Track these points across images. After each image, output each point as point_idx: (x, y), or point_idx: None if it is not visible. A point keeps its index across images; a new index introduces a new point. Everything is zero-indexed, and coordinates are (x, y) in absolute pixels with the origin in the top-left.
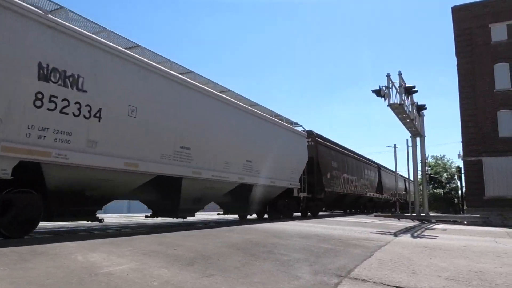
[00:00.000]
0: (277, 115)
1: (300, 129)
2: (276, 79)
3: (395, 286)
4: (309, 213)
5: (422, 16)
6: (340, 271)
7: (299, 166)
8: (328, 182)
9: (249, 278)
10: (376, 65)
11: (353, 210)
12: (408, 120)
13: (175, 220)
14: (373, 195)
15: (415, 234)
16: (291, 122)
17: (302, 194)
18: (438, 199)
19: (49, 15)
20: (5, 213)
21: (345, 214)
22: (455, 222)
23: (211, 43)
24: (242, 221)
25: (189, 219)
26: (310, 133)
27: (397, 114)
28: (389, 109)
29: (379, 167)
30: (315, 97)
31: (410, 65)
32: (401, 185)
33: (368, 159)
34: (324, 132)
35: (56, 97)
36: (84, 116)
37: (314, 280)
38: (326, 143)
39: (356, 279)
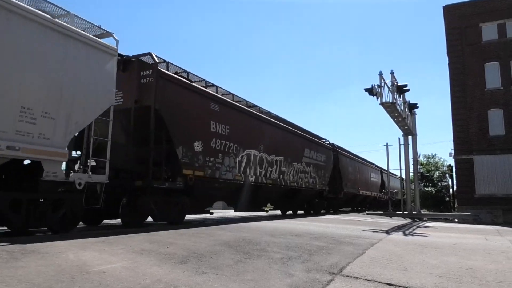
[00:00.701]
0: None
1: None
2: (269, 79)
3: (387, 283)
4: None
5: (413, 15)
6: (333, 268)
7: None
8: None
9: (242, 276)
10: (367, 64)
11: (359, 208)
12: (400, 119)
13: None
14: (377, 195)
15: (407, 232)
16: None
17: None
18: (430, 197)
19: None
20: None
21: (353, 211)
22: (446, 220)
23: (204, 43)
24: (239, 219)
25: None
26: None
27: (389, 113)
28: (381, 107)
29: (381, 170)
30: (307, 96)
31: (402, 64)
32: (397, 184)
33: (372, 164)
34: (317, 131)
35: None
36: None
37: (307, 278)
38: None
39: (348, 276)
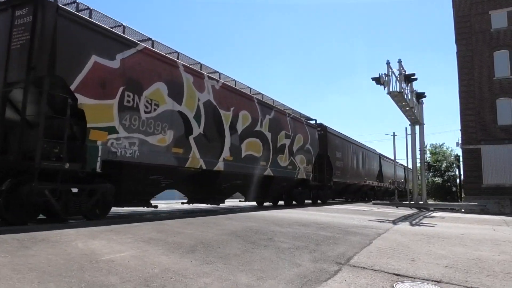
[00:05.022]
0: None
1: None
2: (275, 69)
3: (394, 274)
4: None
5: (421, 3)
6: (340, 258)
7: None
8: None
9: (249, 266)
10: (373, 53)
11: (354, 198)
12: (407, 108)
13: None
14: (374, 184)
15: (414, 222)
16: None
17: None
18: (437, 187)
19: None
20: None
21: (347, 202)
22: (452, 210)
23: (210, 34)
24: (247, 208)
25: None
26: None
27: (396, 102)
28: (388, 97)
29: (380, 156)
30: (313, 86)
31: (409, 52)
32: (400, 173)
33: (370, 149)
34: (323, 121)
35: None
36: None
37: (314, 268)
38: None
39: (355, 266)
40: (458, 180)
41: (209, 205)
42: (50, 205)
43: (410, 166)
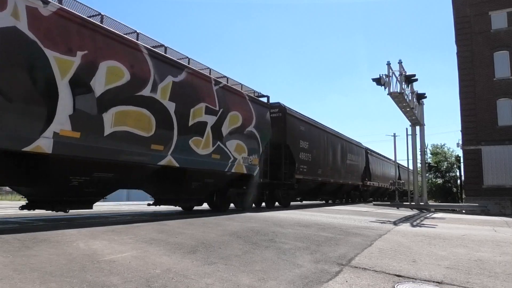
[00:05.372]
0: (222, 76)
1: (264, 99)
2: (275, 69)
3: (395, 275)
4: (276, 203)
5: (421, 3)
6: (341, 259)
7: (259, 145)
8: (301, 166)
9: (250, 266)
10: (373, 53)
11: (337, 200)
12: (408, 109)
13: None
14: (359, 183)
15: (415, 223)
16: (252, 91)
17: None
18: (437, 188)
19: None
20: None
21: (327, 204)
22: (453, 211)
23: (210, 34)
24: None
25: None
26: (277, 105)
27: (397, 103)
28: (389, 97)
29: (366, 151)
30: (313, 86)
31: (409, 53)
32: (391, 172)
33: (353, 141)
34: (324, 121)
35: None
36: None
37: (315, 269)
38: (372, 153)
39: (356, 267)
40: (458, 181)
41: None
42: None
43: (411, 167)
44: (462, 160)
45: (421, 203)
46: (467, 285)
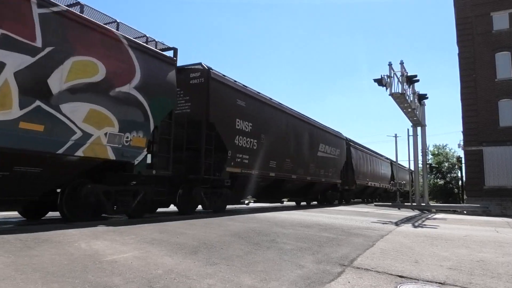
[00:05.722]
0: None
1: (169, 53)
2: (275, 70)
3: (398, 275)
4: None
5: (422, 4)
6: (343, 260)
7: (148, 117)
8: (238, 155)
9: (252, 267)
10: (375, 54)
11: (370, 200)
12: (409, 110)
13: None
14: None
15: (416, 224)
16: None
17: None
18: (439, 189)
19: None
20: None
21: (366, 202)
22: (455, 212)
23: (210, 33)
24: (246, 210)
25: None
26: (198, 67)
27: (398, 104)
28: (390, 98)
29: (348, 143)
30: (313, 86)
31: (411, 53)
32: (384, 170)
33: (328, 128)
34: (323, 122)
35: None
36: None
37: (317, 269)
38: (356, 145)
39: (359, 268)
40: (460, 182)
41: None
42: None
43: (412, 167)
44: (463, 161)
45: (422, 204)
46: (470, 286)
